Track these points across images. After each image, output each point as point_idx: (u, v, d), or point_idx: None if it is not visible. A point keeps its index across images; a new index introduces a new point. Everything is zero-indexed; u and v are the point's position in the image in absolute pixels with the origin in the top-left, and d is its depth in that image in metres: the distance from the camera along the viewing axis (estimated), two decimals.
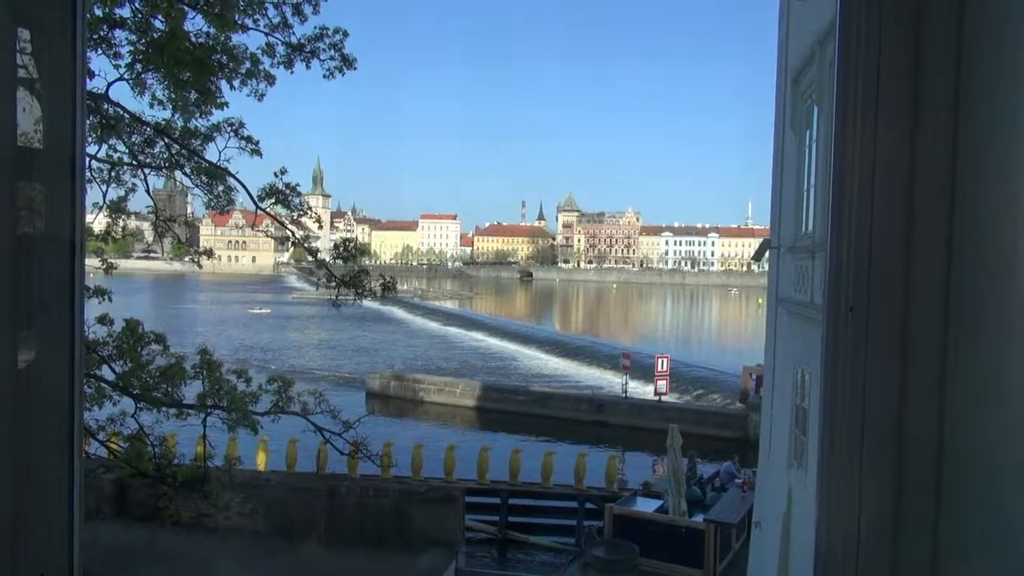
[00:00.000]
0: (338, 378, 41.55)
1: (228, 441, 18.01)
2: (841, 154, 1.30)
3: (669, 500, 16.83)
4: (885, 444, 1.23)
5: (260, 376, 11.99)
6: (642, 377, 37.15)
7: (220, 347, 43.69)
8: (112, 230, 11.07)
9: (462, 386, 35.55)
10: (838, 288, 1.24)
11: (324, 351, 54.35)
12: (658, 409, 30.41)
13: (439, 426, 32.41)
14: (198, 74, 9.26)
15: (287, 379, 11.10)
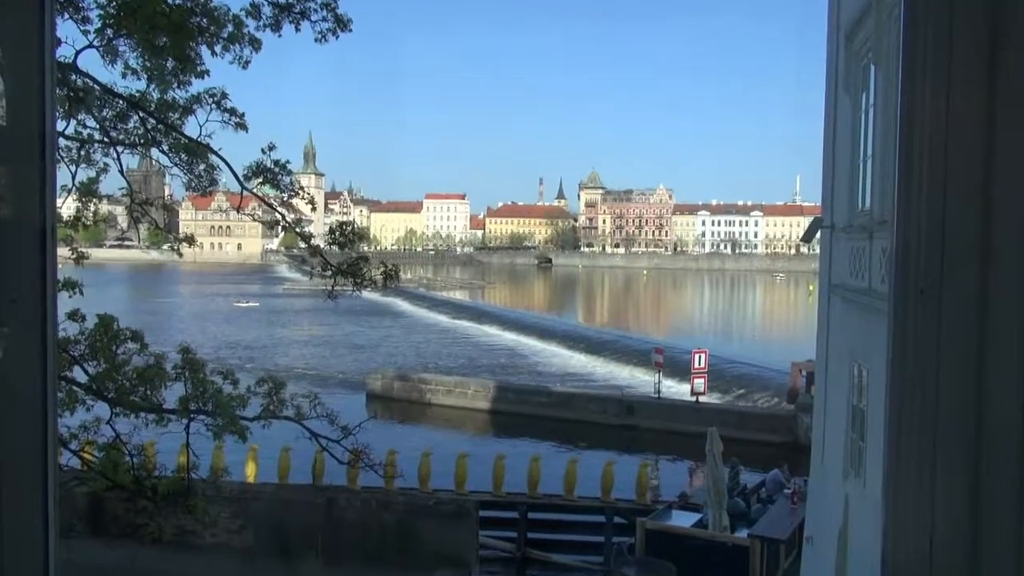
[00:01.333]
0: (335, 379, 41.79)
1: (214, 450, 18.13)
2: (908, 120, 1.28)
3: (709, 513, 16.82)
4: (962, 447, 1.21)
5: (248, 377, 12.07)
6: (677, 375, 37.02)
7: (203, 345, 44.35)
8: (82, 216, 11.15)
9: (474, 387, 35.64)
10: (906, 269, 1.22)
11: (319, 348, 54.65)
12: (695, 411, 30.35)
13: (449, 432, 32.50)
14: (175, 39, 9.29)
15: (278, 380, 11.17)
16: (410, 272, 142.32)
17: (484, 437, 31.82)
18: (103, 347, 10.20)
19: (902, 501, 1.21)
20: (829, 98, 10.33)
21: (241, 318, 72.83)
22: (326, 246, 11.23)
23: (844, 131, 9.64)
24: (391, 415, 34.74)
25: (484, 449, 26.04)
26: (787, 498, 18.04)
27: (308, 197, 11.09)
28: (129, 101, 10.04)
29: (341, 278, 10.78)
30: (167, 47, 9.38)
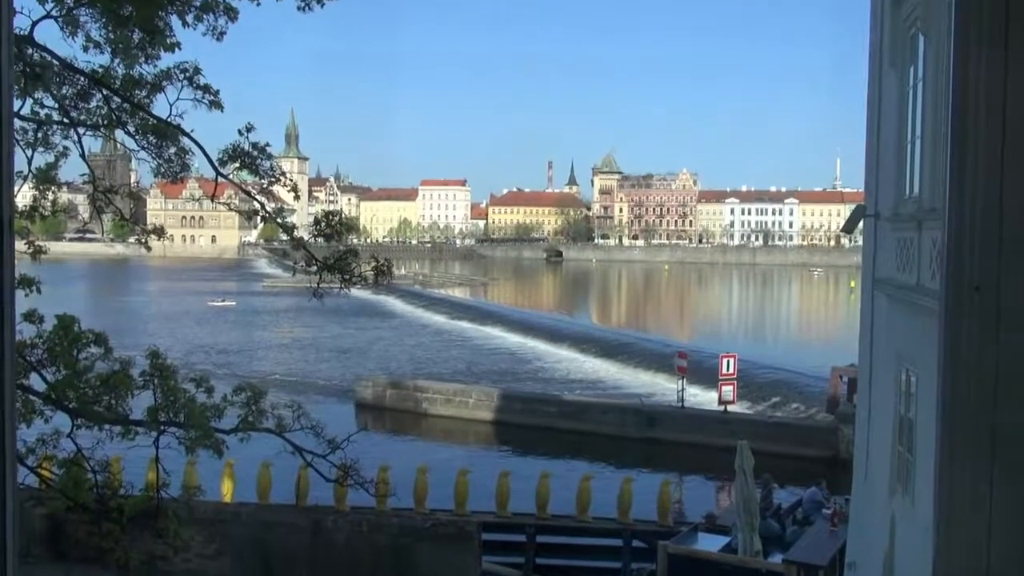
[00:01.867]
0: (321, 386, 41.89)
1: (186, 466, 18.21)
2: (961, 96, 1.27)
3: (739, 536, 16.81)
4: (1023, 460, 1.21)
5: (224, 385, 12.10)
6: (703, 382, 36.98)
7: (174, 349, 44.57)
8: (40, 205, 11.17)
9: (476, 395, 35.68)
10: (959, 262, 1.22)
11: (303, 353, 54.77)
12: (723, 422, 30.34)
13: (448, 445, 32.52)
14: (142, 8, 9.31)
15: (258, 388, 11.19)
16: (404, 267, 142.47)
17: (487, 451, 31.84)
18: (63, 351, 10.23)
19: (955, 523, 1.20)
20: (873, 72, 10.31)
21: (216, 319, 72.99)
22: (310, 238, 11.27)
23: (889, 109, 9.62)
24: (383, 427, 34.77)
25: (487, 465, 26.07)
26: (826, 519, 18.02)
27: (290, 184, 11.08)
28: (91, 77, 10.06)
29: (327, 274, 10.79)
30: (133, 17, 9.40)
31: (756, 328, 76.58)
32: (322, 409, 33.09)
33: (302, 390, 39.33)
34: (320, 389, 41.01)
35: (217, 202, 11.52)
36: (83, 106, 10.30)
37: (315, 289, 10.87)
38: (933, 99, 7.64)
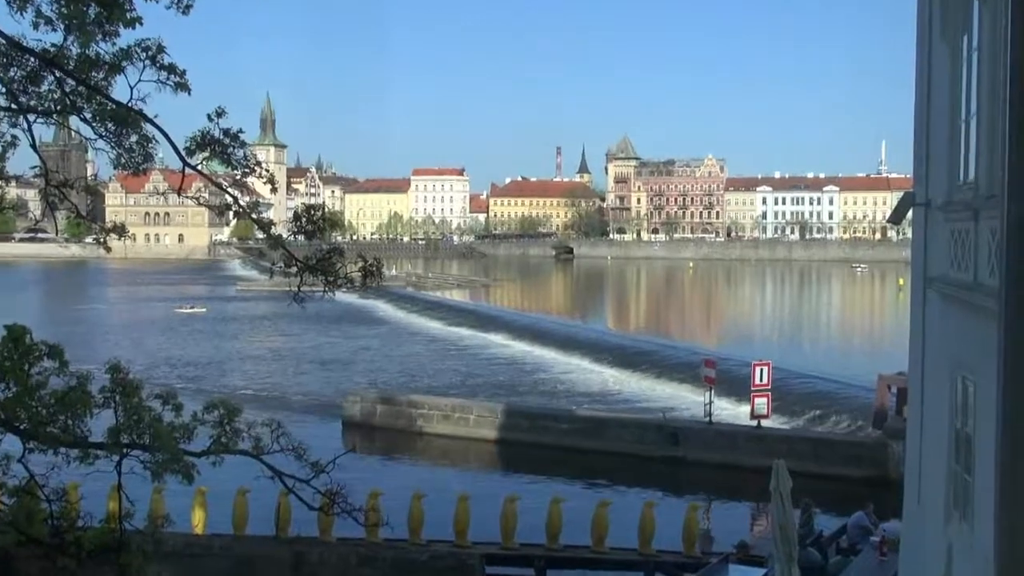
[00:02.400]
0: (303, 402, 41.96)
1: (152, 493, 18.22)
2: (1021, 68, 1.27)
3: (776, 567, 16.79)
4: None
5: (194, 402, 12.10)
6: (733, 393, 36.89)
7: (138, 362, 44.74)
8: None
9: (477, 411, 35.69)
10: (1020, 256, 1.22)
11: (282, 365, 54.86)
12: (757, 439, 30.31)
13: (446, 468, 32.53)
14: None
15: (232, 405, 11.17)
16: (395, 267, 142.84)
17: (490, 474, 31.83)
18: (13, 366, 10.23)
19: (1020, 553, 1.20)
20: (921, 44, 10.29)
21: (184, 328, 73.14)
22: (289, 236, 11.24)
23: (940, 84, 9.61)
24: (373, 447, 34.78)
25: (491, 489, 26.07)
26: (874, 548, 18.01)
27: (267, 175, 11.06)
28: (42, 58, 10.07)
29: (309, 276, 10.78)
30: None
31: (792, 333, 76.46)
32: (304, 428, 33.14)
33: (282, 407, 39.34)
34: (302, 406, 41.06)
35: (184, 196, 11.51)
36: (33, 90, 10.30)
37: (295, 293, 10.85)
38: (990, 72, 7.62)
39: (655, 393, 43.48)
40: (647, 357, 50.73)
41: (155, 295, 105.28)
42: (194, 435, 10.63)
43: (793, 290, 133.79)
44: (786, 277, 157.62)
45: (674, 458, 31.14)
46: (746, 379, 32.69)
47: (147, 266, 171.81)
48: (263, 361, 56.68)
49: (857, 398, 36.61)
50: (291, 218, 10.99)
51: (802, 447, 29.41)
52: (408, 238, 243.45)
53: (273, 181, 11.24)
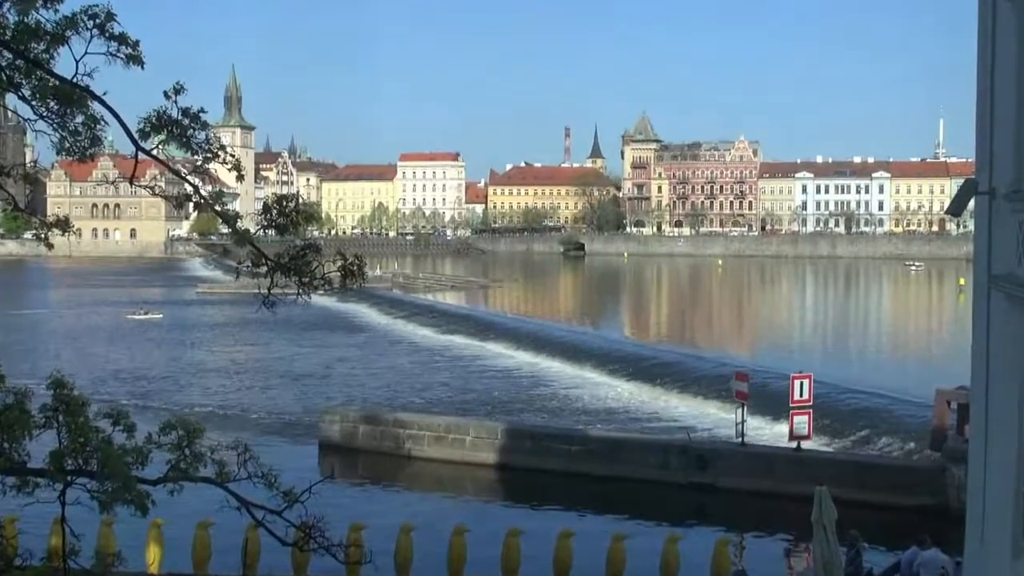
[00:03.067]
0: (274, 422, 41.93)
1: (101, 527, 18.20)
2: None
3: None
4: None
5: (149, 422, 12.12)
6: (768, 411, 36.84)
7: (83, 376, 44.70)
8: None
9: (475, 431, 35.66)
10: None
11: (249, 378, 54.85)
12: (796, 463, 30.27)
13: (439, 497, 32.49)
14: None
15: (193, 425, 11.18)
16: (379, 266, 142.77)
17: (490, 504, 31.79)
18: None
19: None
20: (984, 8, 10.28)
21: (137, 336, 73.17)
22: (258, 230, 11.24)
23: (1006, 55, 9.59)
24: (355, 473, 34.73)
25: (490, 521, 26.04)
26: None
27: (232, 160, 11.09)
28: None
29: (280, 277, 10.79)
30: None
31: (837, 341, 76.38)
32: (275, 451, 33.10)
33: (249, 427, 39.35)
34: (272, 425, 41.03)
35: (138, 185, 11.49)
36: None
37: (265, 296, 10.85)
38: None
39: (679, 411, 43.45)
40: (669, 369, 50.70)
41: (104, 299, 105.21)
42: (148, 460, 10.64)
43: (837, 292, 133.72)
44: (829, 277, 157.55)
45: (701, 485, 31.08)
46: (784, 394, 32.62)
47: (95, 265, 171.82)
48: (227, 374, 56.65)
49: (912, 416, 36.56)
50: (260, 210, 11.02)
51: (848, 472, 29.32)
52: (394, 233, 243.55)
53: (239, 168, 11.21)
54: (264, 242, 11.22)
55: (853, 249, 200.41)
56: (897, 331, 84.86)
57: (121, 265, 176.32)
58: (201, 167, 10.94)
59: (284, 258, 10.71)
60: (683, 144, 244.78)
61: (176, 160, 11.30)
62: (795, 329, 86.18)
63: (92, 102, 10.18)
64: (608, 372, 51.99)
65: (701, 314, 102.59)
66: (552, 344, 61.36)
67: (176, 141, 10.43)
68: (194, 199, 11.27)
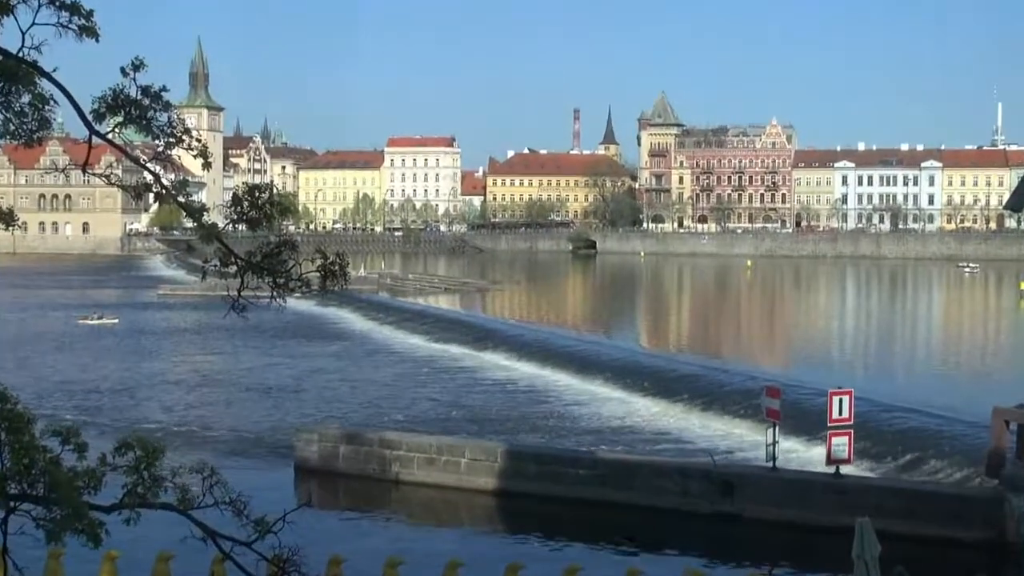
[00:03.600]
0: (243, 441, 41.89)
1: (48, 560, 18.22)
2: None
3: None
4: None
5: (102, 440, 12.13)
6: (803, 430, 36.80)
7: (28, 388, 44.62)
8: None
9: (471, 452, 35.64)
10: None
11: (216, 392, 54.84)
12: (835, 490, 30.23)
13: (430, 527, 32.49)
14: None
15: (152, 445, 11.19)
16: (364, 265, 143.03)
17: (488, 535, 31.81)
18: None
19: None
20: None
21: (89, 343, 73.18)
22: (227, 225, 11.25)
23: None
24: (335, 500, 34.73)
25: (488, 555, 26.07)
26: None
27: (198, 146, 11.09)
28: None
29: (252, 277, 10.79)
30: None
31: (881, 352, 76.37)
32: (246, 475, 33.02)
33: (215, 447, 39.31)
34: (242, 445, 40.95)
35: (91, 173, 11.49)
36: None
37: (235, 299, 10.86)
38: None
39: (702, 430, 43.38)
40: (692, 383, 50.65)
41: (52, 301, 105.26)
42: (102, 484, 10.64)
43: (881, 297, 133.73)
44: (872, 279, 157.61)
45: (727, 515, 31.03)
46: (820, 412, 32.56)
47: (42, 263, 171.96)
48: (191, 387, 56.65)
49: (965, 438, 36.53)
50: (229, 202, 11.01)
51: (894, 501, 29.26)
52: (381, 228, 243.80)
53: (206, 154, 11.21)
54: (234, 238, 11.22)
55: (899, 248, 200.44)
56: (949, 341, 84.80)
57: (72, 263, 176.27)
58: (163, 153, 10.94)
59: (256, 256, 10.72)
60: (707, 129, 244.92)
61: (135, 145, 11.29)
62: (833, 339, 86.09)
63: (40, 79, 10.18)
64: (622, 386, 51.93)
65: (727, 321, 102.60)
66: (559, 355, 61.33)
67: (135, 123, 10.44)
68: (155, 189, 11.26)
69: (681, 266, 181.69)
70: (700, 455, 37.01)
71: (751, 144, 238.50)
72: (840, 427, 31.12)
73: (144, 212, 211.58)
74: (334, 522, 31.13)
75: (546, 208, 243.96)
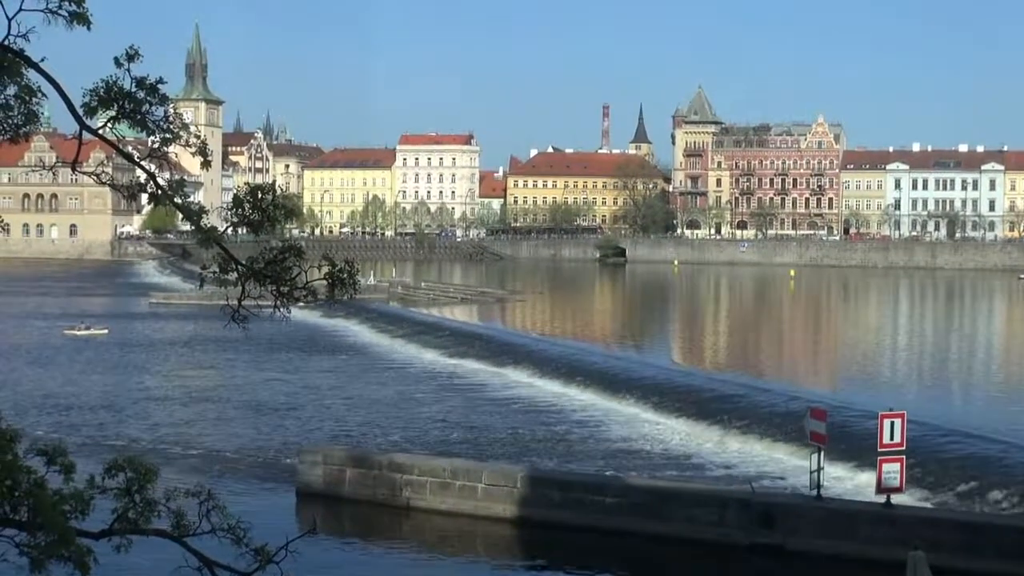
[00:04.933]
0: (242, 462, 41.98)
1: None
2: None
3: None
4: None
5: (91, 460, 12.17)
6: (850, 456, 36.68)
7: (8, 404, 44.71)
8: None
9: (489, 477, 35.61)
10: None
11: (214, 409, 54.91)
12: (886, 522, 30.13)
13: (444, 558, 32.51)
14: None
15: (144, 466, 11.22)
16: (373, 273, 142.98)
17: (506, 568, 31.84)
18: None
19: None
20: None
21: (76, 356, 73.40)
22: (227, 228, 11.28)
23: None
24: (341, 527, 34.74)
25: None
26: None
27: (196, 142, 11.14)
28: None
29: (254, 285, 10.82)
30: None
31: (937, 371, 75.96)
32: (245, 499, 33.17)
33: (212, 469, 39.40)
34: (241, 467, 41.04)
35: (80, 172, 11.54)
36: None
37: (235, 309, 10.89)
38: None
39: (740, 455, 43.30)
40: (729, 403, 50.52)
41: (36, 310, 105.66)
42: (91, 508, 10.67)
43: (937, 311, 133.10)
44: (927, 292, 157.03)
45: (766, 547, 30.95)
46: (870, 436, 32.48)
47: (25, 269, 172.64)
48: (186, 403, 56.73)
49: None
50: (230, 203, 11.05)
51: (950, 534, 29.18)
52: (392, 232, 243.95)
53: (205, 151, 11.27)
54: (234, 243, 11.26)
55: (957, 259, 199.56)
56: (1011, 360, 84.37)
57: (58, 268, 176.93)
58: (158, 150, 10.99)
59: (259, 263, 10.74)
60: (748, 127, 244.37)
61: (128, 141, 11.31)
62: (885, 356, 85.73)
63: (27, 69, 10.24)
64: (653, 406, 51.85)
65: (768, 336, 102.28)
66: (585, 372, 61.27)
67: (128, 118, 10.49)
68: (149, 189, 11.28)
69: (718, 276, 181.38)
70: (738, 482, 36.95)
71: (795, 144, 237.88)
72: (892, 452, 31.04)
73: (136, 214, 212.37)
74: (339, 551, 31.19)
75: (571, 212, 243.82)
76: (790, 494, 33.94)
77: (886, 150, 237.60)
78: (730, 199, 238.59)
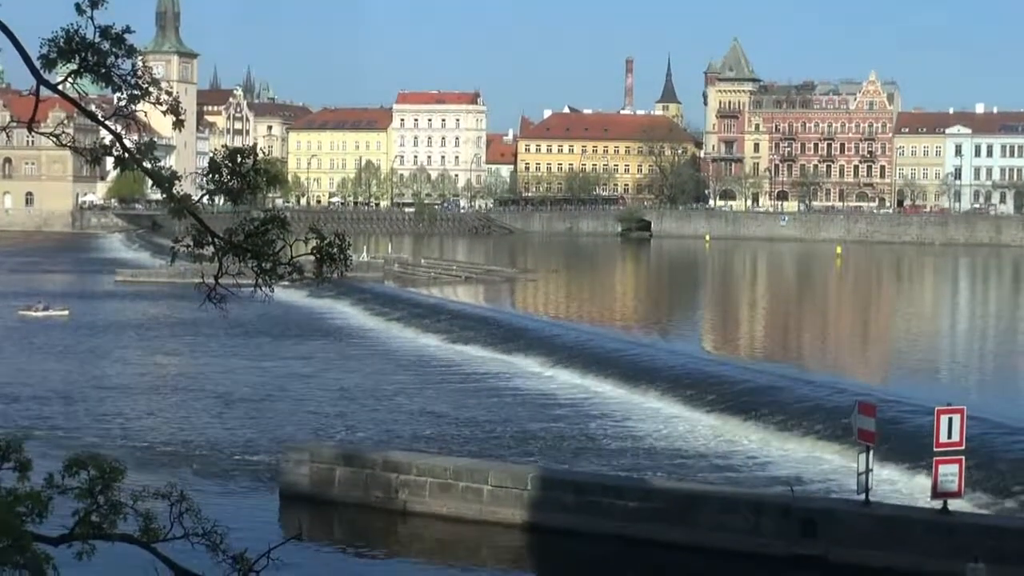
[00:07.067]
0: (218, 460, 42.03)
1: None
2: None
3: None
4: None
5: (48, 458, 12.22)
6: (903, 456, 36.71)
7: None
8: None
9: (496, 478, 35.66)
10: None
11: (188, 400, 54.97)
12: (944, 529, 30.17)
13: (445, 567, 32.57)
14: None
15: (109, 464, 11.27)
16: (367, 249, 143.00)
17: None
18: None
19: None
20: None
21: (32, 340, 73.53)
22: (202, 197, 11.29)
23: None
24: (329, 533, 34.87)
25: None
26: None
27: (168, 100, 11.15)
28: None
29: (233, 261, 10.83)
30: None
31: (1000, 362, 75.80)
32: (221, 501, 33.29)
33: (185, 467, 39.46)
34: (217, 465, 41.10)
35: (37, 132, 11.57)
36: None
37: (211, 288, 10.92)
38: None
39: (778, 454, 43.28)
40: (766, 397, 50.51)
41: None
42: (49, 510, 10.72)
43: (1002, 293, 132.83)
44: (991, 272, 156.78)
45: (808, 558, 30.98)
46: (925, 435, 32.49)
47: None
48: (154, 394, 56.81)
49: None
50: (205, 169, 11.04)
51: (1013, 544, 29.17)
52: (388, 203, 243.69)
53: (178, 110, 11.29)
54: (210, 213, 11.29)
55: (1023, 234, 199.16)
56: None
57: (13, 242, 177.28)
58: (125, 108, 11.00)
59: (238, 235, 10.75)
60: (790, 85, 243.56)
61: (91, 99, 11.35)
62: (942, 345, 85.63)
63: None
64: (681, 400, 51.86)
65: (811, 322, 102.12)
66: (604, 360, 61.32)
67: (91, 72, 10.50)
68: (115, 152, 11.28)
69: (755, 252, 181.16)
70: (776, 485, 36.97)
71: (843, 105, 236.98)
72: (949, 453, 31.03)
73: (100, 181, 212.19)
74: (328, 559, 31.32)
75: (590, 181, 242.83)
76: (834, 499, 33.95)
77: (946, 112, 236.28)
78: (769, 166, 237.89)
